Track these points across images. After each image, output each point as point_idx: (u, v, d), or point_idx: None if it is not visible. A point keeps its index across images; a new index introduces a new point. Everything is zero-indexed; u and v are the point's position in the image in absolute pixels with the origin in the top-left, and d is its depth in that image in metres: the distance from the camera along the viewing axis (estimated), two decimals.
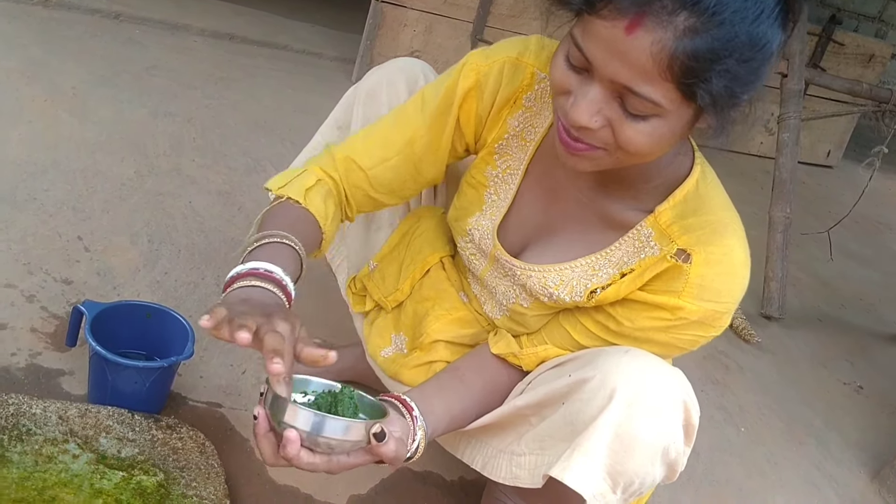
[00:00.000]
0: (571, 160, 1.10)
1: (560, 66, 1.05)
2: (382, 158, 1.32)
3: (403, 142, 1.32)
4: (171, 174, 2.28)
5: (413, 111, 1.33)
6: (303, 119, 2.89)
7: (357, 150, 1.32)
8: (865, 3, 5.60)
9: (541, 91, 1.27)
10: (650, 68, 0.95)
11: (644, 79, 0.96)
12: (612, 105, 1.01)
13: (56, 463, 1.25)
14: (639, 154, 1.05)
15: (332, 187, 1.31)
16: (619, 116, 1.01)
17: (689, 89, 0.96)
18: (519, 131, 1.29)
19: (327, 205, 1.28)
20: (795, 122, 2.78)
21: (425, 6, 3.46)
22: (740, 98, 1.00)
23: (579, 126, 1.02)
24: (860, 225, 3.99)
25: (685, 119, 1.03)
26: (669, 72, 0.94)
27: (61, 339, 1.56)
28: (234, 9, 3.80)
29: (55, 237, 1.85)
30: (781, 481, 1.98)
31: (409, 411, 1.18)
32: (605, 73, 0.98)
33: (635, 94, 0.97)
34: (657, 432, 1.10)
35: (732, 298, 1.18)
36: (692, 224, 1.16)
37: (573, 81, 1.03)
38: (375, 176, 1.32)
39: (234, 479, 1.42)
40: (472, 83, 1.29)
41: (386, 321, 1.52)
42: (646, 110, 0.99)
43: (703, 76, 0.94)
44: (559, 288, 1.26)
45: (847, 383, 2.56)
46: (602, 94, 1.00)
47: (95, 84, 2.63)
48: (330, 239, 1.29)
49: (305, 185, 1.27)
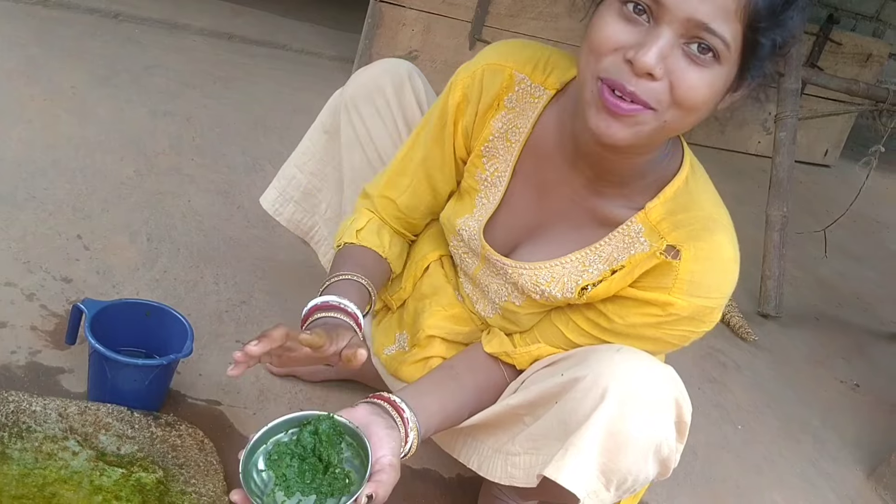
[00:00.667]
0: (612, 127, 1.06)
1: (611, 21, 1.04)
2: (404, 186, 1.41)
3: (416, 164, 1.40)
4: (171, 173, 2.29)
5: (421, 133, 1.40)
6: (302, 118, 2.88)
7: (384, 185, 1.43)
8: (863, 3, 5.60)
9: (521, 92, 1.28)
10: (731, 5, 0.98)
11: (723, 16, 0.99)
12: (675, 53, 1.01)
13: (56, 460, 1.25)
14: (693, 107, 1.05)
15: (382, 223, 1.44)
16: (682, 64, 1.01)
17: (754, 35, 1.00)
18: (503, 132, 1.31)
19: (381, 236, 1.42)
20: (792, 121, 2.79)
21: (424, 6, 3.46)
22: (789, 50, 1.06)
23: (646, 71, 1.01)
24: (857, 224, 4.00)
25: (729, 78, 1.05)
26: (745, 12, 0.98)
27: (61, 337, 1.56)
28: (234, 8, 3.80)
29: (55, 236, 1.86)
30: (778, 479, 1.99)
31: (400, 413, 1.18)
32: (681, 12, 0.99)
33: (711, 33, 0.99)
34: (649, 430, 1.11)
35: (722, 294, 1.19)
36: (681, 220, 1.17)
37: (628, 33, 1.03)
38: (404, 203, 1.42)
39: (233, 475, 1.42)
40: (460, 97, 1.32)
41: (391, 321, 1.55)
42: (711, 55, 1.01)
43: (775, 20, 1.00)
44: (550, 285, 1.27)
45: (844, 381, 2.57)
46: (670, 39, 1.01)
47: (95, 83, 2.64)
48: (395, 262, 1.45)
49: (356, 227, 1.41)
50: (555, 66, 1.27)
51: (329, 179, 1.65)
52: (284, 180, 1.69)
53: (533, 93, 1.28)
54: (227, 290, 1.89)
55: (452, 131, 1.34)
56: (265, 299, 1.89)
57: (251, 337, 1.72)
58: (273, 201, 1.70)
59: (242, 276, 1.95)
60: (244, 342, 1.11)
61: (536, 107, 1.28)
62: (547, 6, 3.59)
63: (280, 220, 1.71)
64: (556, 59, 1.28)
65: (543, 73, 1.27)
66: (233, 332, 1.76)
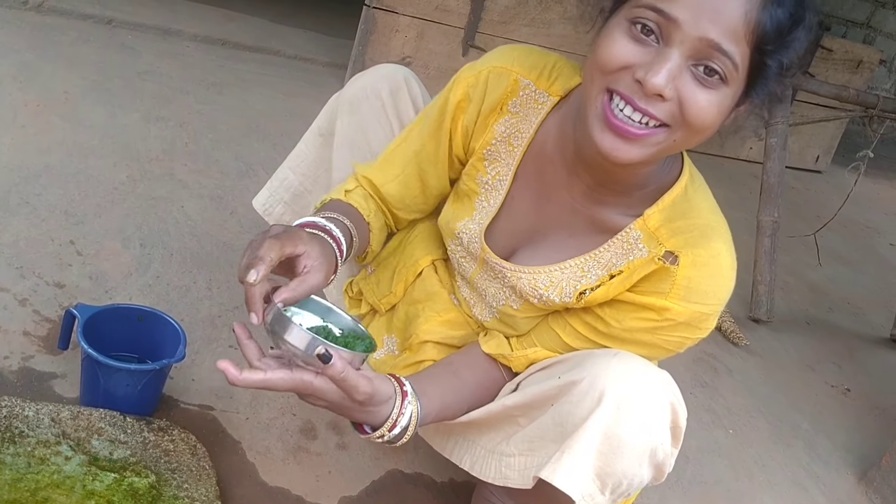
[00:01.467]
0: (620, 149, 1.07)
1: (620, 39, 1.05)
2: (393, 175, 1.40)
3: (408, 156, 1.40)
4: (164, 178, 2.29)
5: (416, 127, 1.40)
6: (295, 124, 2.90)
7: (372, 170, 1.42)
8: (854, 9, 5.64)
9: (525, 97, 1.29)
10: (741, 27, 0.99)
11: (733, 38, 1.00)
12: (683, 74, 1.03)
13: (48, 465, 1.25)
14: (702, 128, 1.06)
15: (369, 195, 1.43)
16: (691, 86, 1.03)
17: (762, 57, 1.02)
18: (506, 137, 1.31)
19: (368, 202, 1.40)
20: (783, 127, 2.80)
21: (417, 12, 3.47)
22: (796, 70, 1.07)
23: (656, 92, 1.02)
24: (848, 229, 4.02)
25: (735, 97, 1.07)
26: (753, 35, 1.00)
27: (54, 343, 1.56)
28: (227, 14, 3.81)
29: (48, 241, 1.86)
30: (769, 483, 1.99)
31: (401, 385, 1.20)
32: (692, 32, 1.00)
33: (722, 53, 1.00)
34: (645, 434, 1.12)
35: (718, 300, 1.20)
36: (680, 227, 1.18)
37: (637, 53, 1.04)
38: (388, 192, 1.41)
39: (226, 480, 1.43)
40: (462, 95, 1.33)
41: (379, 324, 1.55)
42: (718, 78, 1.02)
43: (782, 41, 1.01)
44: (549, 289, 1.28)
45: (834, 386, 2.58)
46: (679, 61, 1.02)
47: (88, 89, 2.64)
48: (376, 234, 1.41)
49: (345, 188, 1.40)
50: (559, 73, 1.29)
51: (320, 182, 1.65)
52: (277, 181, 1.70)
53: (537, 99, 1.29)
54: (220, 295, 1.89)
55: (451, 128, 1.35)
56: None
57: None
58: (264, 201, 1.71)
59: (235, 282, 1.93)
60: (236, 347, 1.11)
61: (540, 113, 1.29)
62: (539, 13, 3.60)
63: (269, 220, 1.72)
64: (561, 66, 1.29)
65: (548, 80, 1.28)
66: (226, 337, 1.77)
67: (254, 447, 1.53)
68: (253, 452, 1.52)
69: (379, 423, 1.16)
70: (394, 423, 1.17)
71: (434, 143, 1.38)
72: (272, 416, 1.61)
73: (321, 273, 1.14)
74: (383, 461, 1.61)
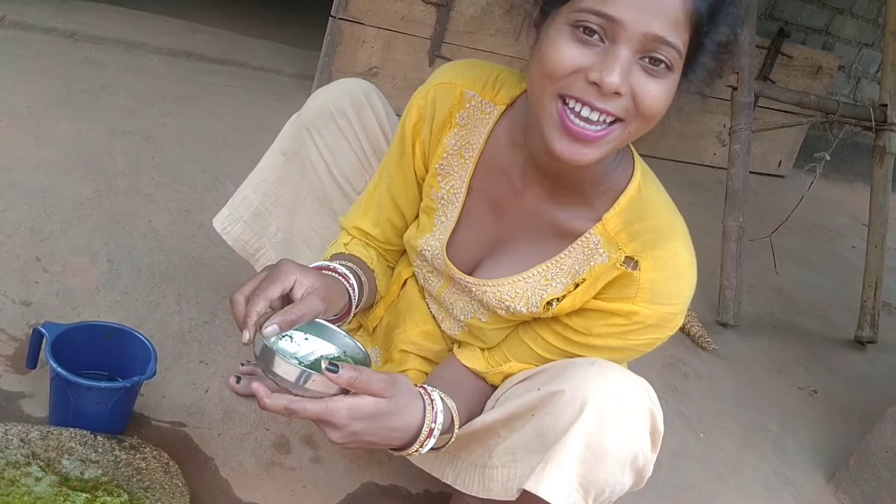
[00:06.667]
0: (580, 153, 1.09)
1: (565, 45, 1.06)
2: (376, 218, 1.45)
3: (384, 194, 1.43)
4: (130, 193, 2.27)
5: (386, 162, 1.43)
6: (262, 136, 2.88)
7: (358, 217, 1.46)
8: (812, 16, 5.75)
9: (472, 109, 1.31)
10: (681, 17, 1.03)
11: (675, 28, 1.03)
12: (633, 69, 1.04)
13: (19, 486, 1.24)
14: (655, 117, 1.09)
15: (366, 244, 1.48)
16: (642, 78, 1.05)
17: (699, 39, 1.06)
18: (457, 150, 1.33)
19: (368, 251, 1.45)
20: (746, 133, 2.84)
21: (383, 23, 3.48)
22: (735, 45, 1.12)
23: (613, 90, 1.03)
24: (811, 232, 4.09)
25: (677, 81, 1.09)
26: (691, 20, 1.03)
27: (21, 362, 1.54)
28: (192, 27, 3.79)
29: (13, 258, 1.84)
30: (740, 485, 2.02)
31: (428, 394, 1.21)
32: (637, 30, 1.02)
33: (667, 45, 1.03)
34: (627, 442, 1.13)
35: (683, 299, 1.23)
36: (637, 230, 1.21)
37: (586, 55, 1.05)
38: (378, 235, 1.46)
39: (199, 497, 1.41)
40: (416, 118, 1.35)
41: (363, 336, 1.55)
42: (664, 66, 1.05)
43: (715, 21, 1.06)
44: (515, 300, 1.29)
45: (802, 388, 2.62)
46: (628, 57, 1.04)
47: (51, 103, 2.61)
48: (381, 278, 1.47)
49: (343, 241, 1.45)
50: (504, 82, 1.30)
51: (282, 202, 1.65)
52: (237, 200, 1.69)
53: (484, 109, 1.30)
54: (189, 310, 1.88)
55: (412, 153, 1.37)
56: (228, 319, 1.88)
57: (215, 357, 1.73)
58: (224, 220, 1.70)
59: (205, 296, 1.94)
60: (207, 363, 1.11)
61: (488, 123, 1.30)
62: (505, 22, 3.62)
63: (227, 239, 1.71)
64: (505, 75, 1.31)
65: (493, 90, 1.30)
66: (196, 352, 1.75)
67: (227, 463, 1.52)
68: (226, 468, 1.51)
69: (417, 425, 1.17)
70: (434, 416, 1.18)
71: (401, 173, 1.40)
72: (245, 431, 1.60)
73: (317, 297, 1.16)
74: (358, 474, 1.61)
